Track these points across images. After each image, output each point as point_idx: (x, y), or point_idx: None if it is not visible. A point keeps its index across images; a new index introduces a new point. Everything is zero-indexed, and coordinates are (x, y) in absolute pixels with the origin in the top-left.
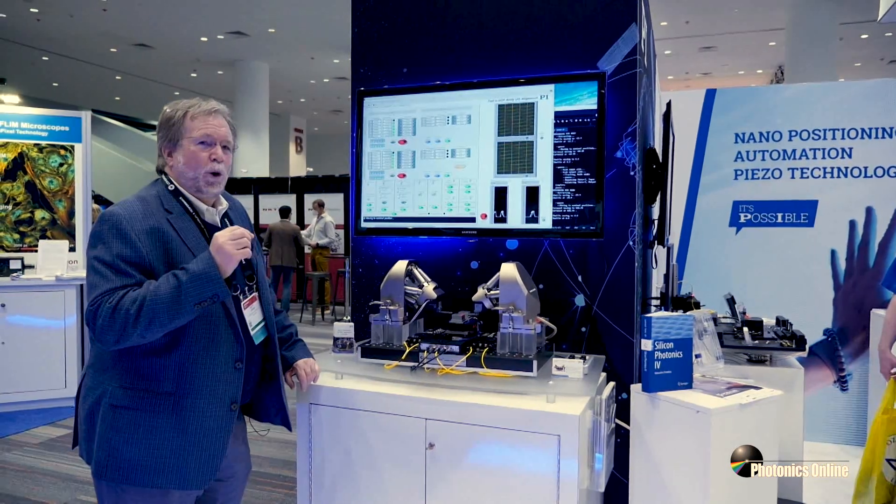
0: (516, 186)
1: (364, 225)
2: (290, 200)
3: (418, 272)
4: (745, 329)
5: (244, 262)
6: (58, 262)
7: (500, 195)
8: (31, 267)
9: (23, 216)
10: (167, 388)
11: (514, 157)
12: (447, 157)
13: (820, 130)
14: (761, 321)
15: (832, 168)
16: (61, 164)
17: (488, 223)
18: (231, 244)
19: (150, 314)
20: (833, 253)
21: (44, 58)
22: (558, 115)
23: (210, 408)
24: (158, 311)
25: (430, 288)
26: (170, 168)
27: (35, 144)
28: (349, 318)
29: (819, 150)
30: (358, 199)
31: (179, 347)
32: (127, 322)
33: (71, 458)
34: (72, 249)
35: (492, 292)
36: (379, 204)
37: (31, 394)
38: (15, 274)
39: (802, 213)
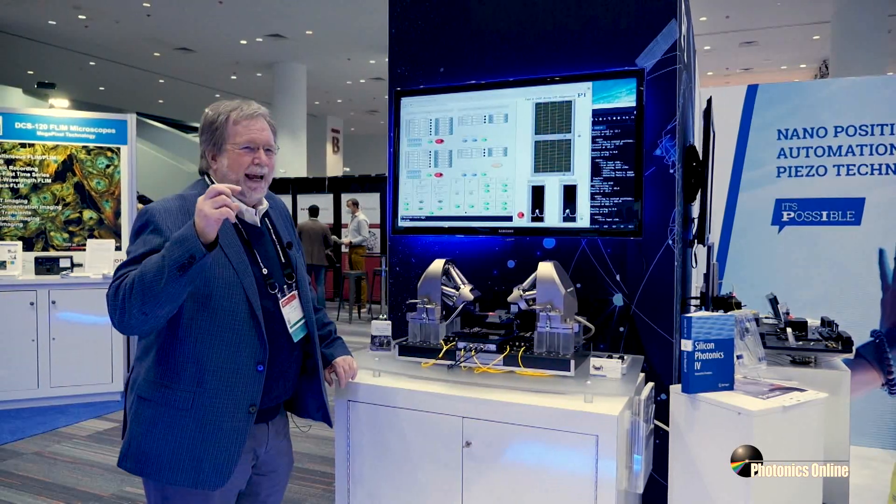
0: (553, 185)
1: (401, 224)
2: (327, 200)
3: (455, 272)
4: (789, 330)
5: (283, 261)
6: (105, 260)
7: (538, 194)
8: (80, 265)
9: (72, 216)
10: (186, 385)
11: (551, 156)
12: (484, 156)
13: (867, 126)
14: (805, 322)
15: (880, 165)
16: (108, 166)
17: (525, 222)
18: (207, 203)
19: (140, 286)
20: (881, 252)
21: (91, 63)
22: (596, 113)
23: (227, 409)
24: (147, 281)
25: (466, 290)
26: (214, 171)
27: (83, 147)
28: (386, 316)
29: (866, 146)
30: (395, 198)
31: (201, 345)
32: (126, 297)
33: (118, 450)
34: (118, 248)
35: (527, 293)
36: (416, 203)
37: (80, 388)
38: (64, 272)
39: (849, 211)
